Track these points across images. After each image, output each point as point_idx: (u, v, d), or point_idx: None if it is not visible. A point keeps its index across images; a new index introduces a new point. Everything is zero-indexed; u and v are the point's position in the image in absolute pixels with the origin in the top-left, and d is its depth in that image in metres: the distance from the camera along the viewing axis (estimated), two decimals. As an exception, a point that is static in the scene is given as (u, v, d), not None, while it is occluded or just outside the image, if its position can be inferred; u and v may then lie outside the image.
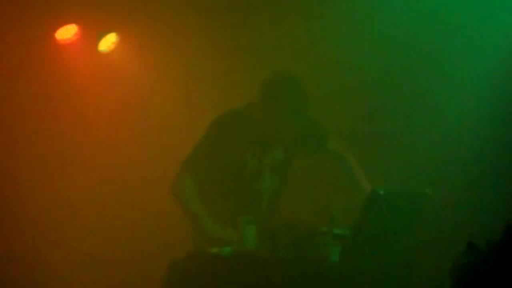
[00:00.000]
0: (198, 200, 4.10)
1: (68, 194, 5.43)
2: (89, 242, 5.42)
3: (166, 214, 5.00)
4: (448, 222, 4.76)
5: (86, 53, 5.23)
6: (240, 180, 4.16)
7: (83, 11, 4.99)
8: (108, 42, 5.30)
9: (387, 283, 3.70)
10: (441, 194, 4.36)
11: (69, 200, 5.44)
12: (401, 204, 3.78)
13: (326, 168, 4.97)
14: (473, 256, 1.78)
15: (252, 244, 3.76)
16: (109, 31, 5.26)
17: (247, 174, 4.16)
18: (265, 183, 4.22)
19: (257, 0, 5.42)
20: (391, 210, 3.69)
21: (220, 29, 5.41)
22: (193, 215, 4.13)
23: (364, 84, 5.47)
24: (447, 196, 4.92)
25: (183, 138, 4.88)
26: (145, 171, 5.49)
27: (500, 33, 5.12)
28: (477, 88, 5.28)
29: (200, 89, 5.49)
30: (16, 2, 4.77)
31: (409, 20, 5.26)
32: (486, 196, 4.96)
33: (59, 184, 5.41)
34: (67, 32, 5.09)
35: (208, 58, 5.47)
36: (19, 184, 5.28)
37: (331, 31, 5.37)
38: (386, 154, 5.29)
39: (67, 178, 5.44)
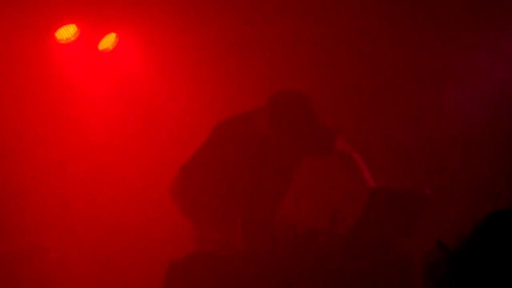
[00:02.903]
0: (196, 202, 4.10)
1: (68, 194, 5.44)
2: (89, 242, 5.42)
3: (166, 215, 5.00)
4: (447, 222, 4.76)
5: (86, 53, 5.23)
6: (241, 182, 4.14)
7: (83, 11, 4.99)
8: (108, 42, 5.30)
9: (387, 283, 3.70)
10: (441, 194, 4.36)
11: (70, 200, 5.44)
12: (402, 204, 3.77)
13: (326, 168, 4.97)
14: (442, 253, 1.78)
15: (252, 244, 3.75)
16: (109, 31, 5.27)
17: (249, 177, 4.14)
18: (268, 186, 4.21)
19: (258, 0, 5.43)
20: (391, 210, 3.69)
21: (221, 28, 5.41)
22: (192, 218, 4.13)
23: (365, 84, 5.47)
24: (447, 196, 4.93)
25: (183, 139, 4.89)
26: (146, 171, 5.49)
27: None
28: (478, 87, 5.29)
29: (200, 89, 5.49)
30: (16, 2, 4.76)
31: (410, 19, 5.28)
32: (486, 195, 4.96)
33: (59, 183, 5.41)
34: (67, 32, 5.09)
35: (209, 58, 5.46)
36: (19, 183, 5.28)
37: (332, 32, 5.38)
38: (387, 154, 5.29)
39: (67, 178, 5.44)
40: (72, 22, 5.07)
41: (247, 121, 4.11)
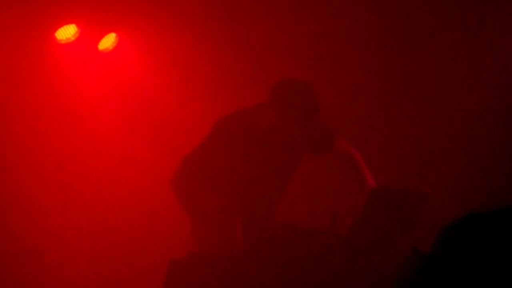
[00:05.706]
0: (197, 198, 4.10)
1: (68, 193, 5.44)
2: (89, 242, 5.42)
3: (166, 215, 5.00)
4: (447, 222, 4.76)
5: (86, 53, 5.23)
6: (243, 179, 4.14)
7: (83, 11, 4.99)
8: (108, 42, 5.30)
9: (387, 283, 3.70)
10: (441, 194, 4.36)
11: (70, 200, 5.44)
12: (402, 204, 3.77)
13: (327, 167, 4.97)
14: (416, 260, 1.76)
15: (252, 244, 3.75)
16: (109, 31, 5.27)
17: (250, 174, 4.14)
18: (269, 184, 4.20)
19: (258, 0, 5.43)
20: (391, 210, 3.69)
21: (221, 28, 5.41)
22: (192, 214, 4.13)
23: (365, 84, 5.47)
24: (447, 195, 4.93)
25: (183, 138, 4.89)
26: (146, 170, 5.49)
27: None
28: (477, 88, 5.30)
29: (200, 89, 5.49)
30: (16, 2, 4.76)
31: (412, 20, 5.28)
32: (486, 195, 4.96)
33: (59, 183, 5.41)
34: (67, 32, 5.09)
35: (208, 57, 5.47)
36: (19, 184, 5.28)
37: (332, 31, 5.38)
38: (386, 154, 5.29)
39: (67, 178, 5.44)
40: (72, 22, 5.07)
41: (249, 116, 4.11)
